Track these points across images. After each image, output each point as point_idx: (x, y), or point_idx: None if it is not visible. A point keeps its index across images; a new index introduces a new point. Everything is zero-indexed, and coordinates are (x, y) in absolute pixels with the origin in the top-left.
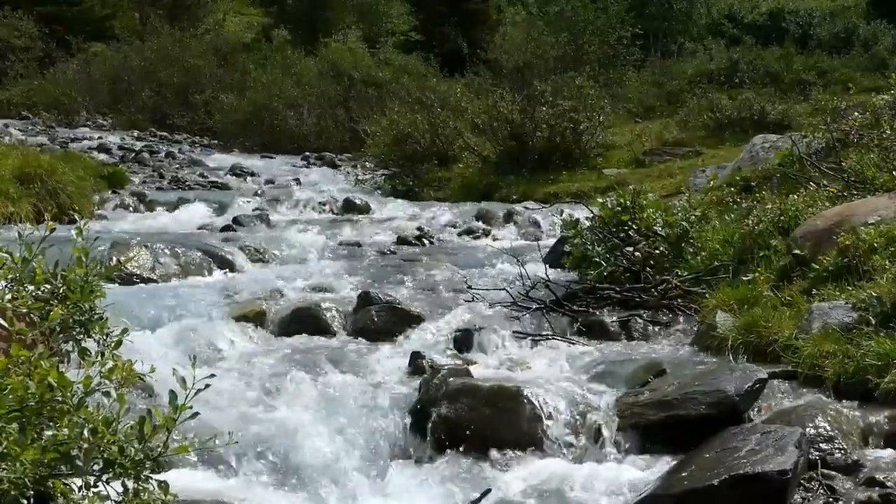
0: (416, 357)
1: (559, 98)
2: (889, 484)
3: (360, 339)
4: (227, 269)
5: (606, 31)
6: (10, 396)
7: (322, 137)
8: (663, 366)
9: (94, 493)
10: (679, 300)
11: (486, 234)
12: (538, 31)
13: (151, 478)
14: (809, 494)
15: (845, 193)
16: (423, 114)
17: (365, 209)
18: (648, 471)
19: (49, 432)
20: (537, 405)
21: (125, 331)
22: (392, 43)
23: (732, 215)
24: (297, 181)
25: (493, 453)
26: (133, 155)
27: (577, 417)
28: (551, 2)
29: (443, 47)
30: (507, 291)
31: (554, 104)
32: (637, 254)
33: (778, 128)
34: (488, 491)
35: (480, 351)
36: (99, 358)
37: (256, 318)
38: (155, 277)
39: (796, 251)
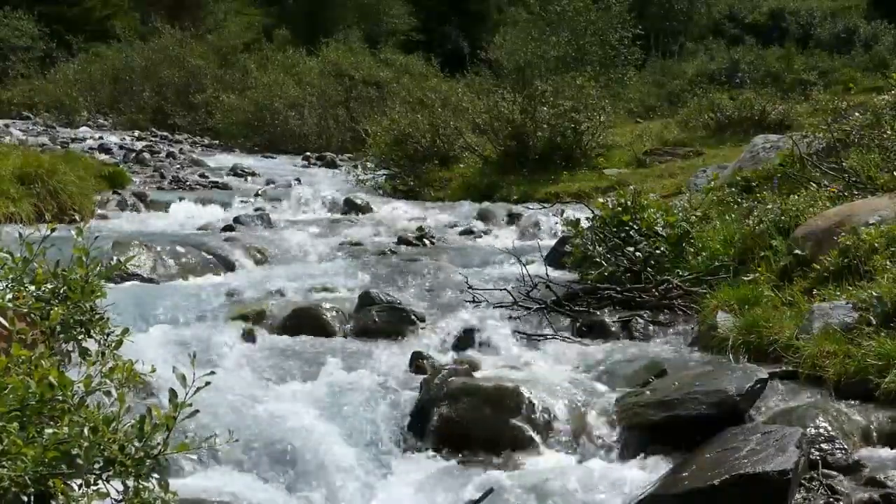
0: (416, 357)
1: (560, 98)
2: (890, 484)
3: (360, 339)
4: (228, 270)
5: (607, 31)
6: (11, 396)
7: (323, 137)
8: (664, 366)
9: (94, 491)
10: (680, 300)
11: (487, 234)
12: (539, 31)
13: (152, 476)
14: (810, 494)
15: (846, 193)
16: (423, 114)
17: (366, 209)
18: (649, 471)
19: (50, 431)
20: (538, 405)
21: (126, 331)
22: (393, 43)
23: (733, 215)
24: (298, 181)
25: (494, 453)
26: (134, 155)
27: (578, 417)
28: (552, 2)
29: (444, 47)
30: (508, 291)
31: (555, 104)
32: (638, 254)
33: (779, 128)
34: (491, 490)
35: (481, 351)
36: (99, 358)
37: (257, 318)
38: (155, 277)
39: (797, 251)
